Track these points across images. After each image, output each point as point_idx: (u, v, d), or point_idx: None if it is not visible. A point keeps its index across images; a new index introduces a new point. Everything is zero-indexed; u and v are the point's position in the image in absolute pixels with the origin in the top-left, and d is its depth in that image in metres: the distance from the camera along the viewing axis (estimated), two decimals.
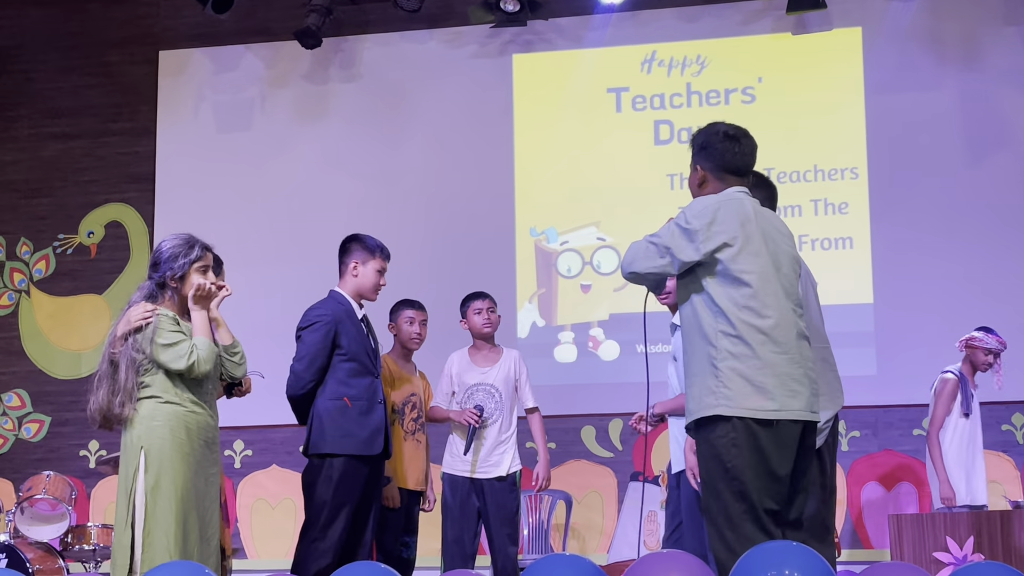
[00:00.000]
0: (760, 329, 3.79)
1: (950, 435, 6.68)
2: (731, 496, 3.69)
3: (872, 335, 7.80)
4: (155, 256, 4.63)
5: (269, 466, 8.32)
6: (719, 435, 3.74)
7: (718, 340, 3.79)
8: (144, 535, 4.34)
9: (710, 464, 3.76)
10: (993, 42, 7.98)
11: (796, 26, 8.23)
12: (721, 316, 3.80)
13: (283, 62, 8.76)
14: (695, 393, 3.84)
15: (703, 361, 3.82)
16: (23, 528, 6.84)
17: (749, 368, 3.75)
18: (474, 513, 5.98)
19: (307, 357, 5.29)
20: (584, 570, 3.46)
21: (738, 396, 3.73)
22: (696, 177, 4.05)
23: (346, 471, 5.20)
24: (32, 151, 9.00)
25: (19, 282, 8.88)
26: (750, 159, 4.03)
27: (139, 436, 4.43)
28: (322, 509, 5.16)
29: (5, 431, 8.69)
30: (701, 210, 3.86)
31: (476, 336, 6.16)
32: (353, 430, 5.23)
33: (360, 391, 5.30)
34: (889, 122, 8.02)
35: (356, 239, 5.52)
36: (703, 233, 3.82)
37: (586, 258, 8.27)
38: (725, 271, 3.83)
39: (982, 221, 7.83)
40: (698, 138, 4.06)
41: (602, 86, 8.41)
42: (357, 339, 5.35)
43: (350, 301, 5.43)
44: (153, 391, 4.48)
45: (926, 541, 5.97)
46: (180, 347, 4.46)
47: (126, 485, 4.42)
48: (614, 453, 8.01)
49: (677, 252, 3.85)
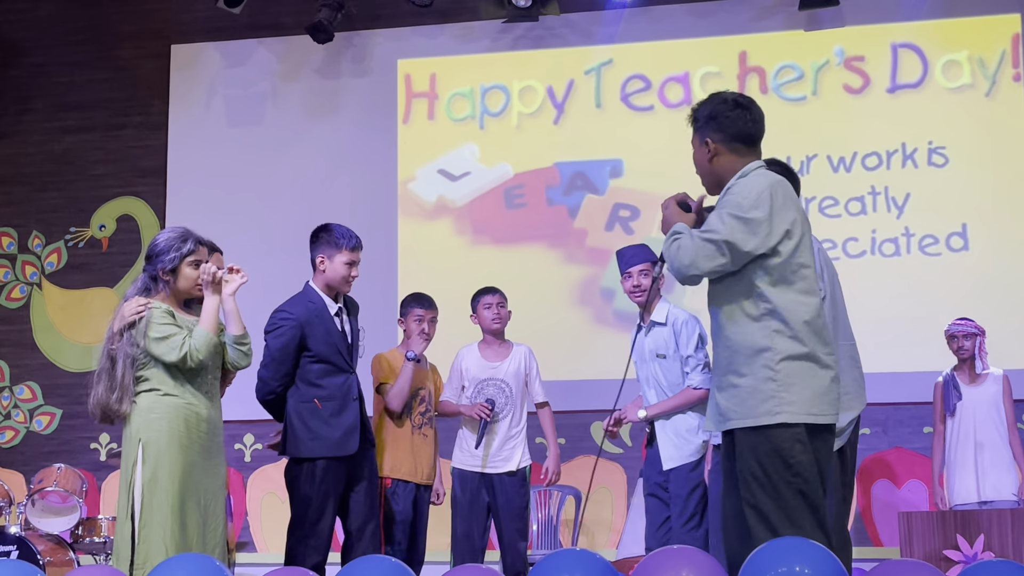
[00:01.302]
0: (815, 329, 3.60)
1: (943, 437, 6.79)
2: (790, 494, 3.53)
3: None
4: (150, 249, 4.65)
5: (279, 460, 8.31)
6: (781, 436, 3.55)
7: (774, 341, 3.57)
8: (141, 527, 4.37)
9: (770, 464, 3.55)
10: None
11: (808, 22, 8.22)
12: (775, 315, 3.58)
13: (295, 56, 8.76)
14: (744, 397, 3.60)
15: (754, 363, 3.59)
16: (34, 520, 6.86)
17: (807, 371, 3.57)
18: (484, 508, 5.98)
19: (272, 363, 5.24)
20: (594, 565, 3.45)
21: (800, 401, 3.55)
22: (705, 152, 3.77)
23: (327, 469, 5.19)
24: (44, 144, 9.02)
25: (31, 275, 8.90)
26: (761, 126, 3.79)
27: (137, 429, 4.46)
28: (307, 506, 5.16)
29: (16, 423, 8.71)
30: (757, 196, 3.59)
31: (486, 331, 6.16)
32: (324, 432, 5.18)
33: (332, 390, 5.24)
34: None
35: (324, 229, 5.41)
36: (766, 224, 3.57)
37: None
38: (784, 264, 3.59)
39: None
40: (702, 110, 3.80)
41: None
42: (326, 339, 5.25)
43: (322, 297, 5.34)
44: (152, 384, 4.50)
45: (936, 539, 5.96)
46: (172, 339, 4.47)
47: (126, 478, 4.46)
48: (623, 449, 8.01)
49: (741, 245, 3.57)
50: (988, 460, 6.66)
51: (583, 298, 8.28)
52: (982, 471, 6.64)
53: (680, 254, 3.66)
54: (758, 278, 3.61)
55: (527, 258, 8.36)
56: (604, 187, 8.40)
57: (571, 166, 8.45)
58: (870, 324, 7.39)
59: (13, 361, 8.80)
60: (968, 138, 7.99)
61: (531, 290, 8.06)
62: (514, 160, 8.52)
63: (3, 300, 8.90)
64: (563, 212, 8.42)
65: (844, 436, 4.33)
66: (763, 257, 3.59)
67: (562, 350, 8.05)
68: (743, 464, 3.61)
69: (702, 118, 3.79)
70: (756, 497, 3.56)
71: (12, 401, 8.74)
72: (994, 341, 6.94)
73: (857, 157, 8.08)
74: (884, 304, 7.83)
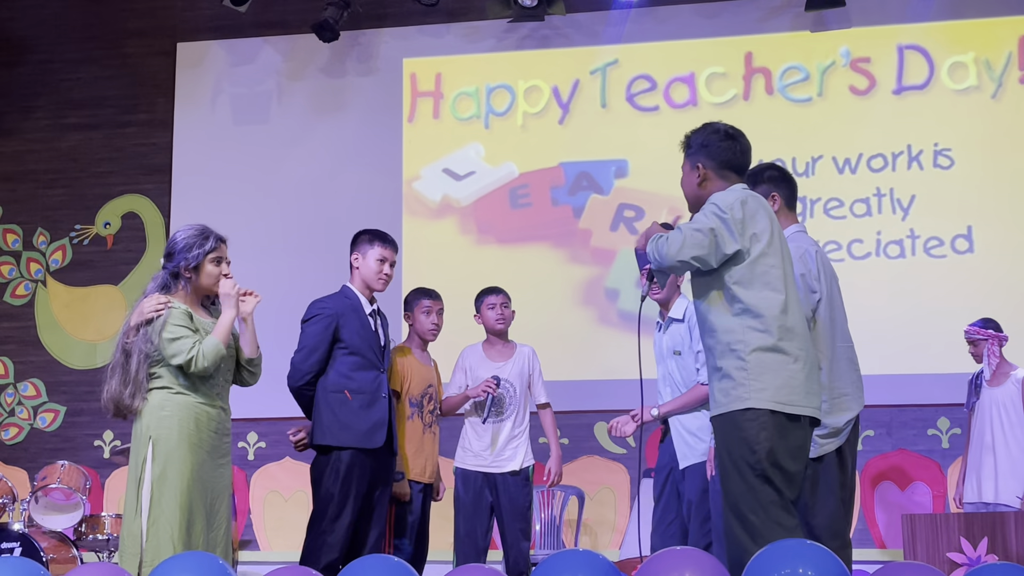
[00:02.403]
0: (784, 326, 3.82)
1: (968, 434, 6.74)
2: (757, 480, 3.73)
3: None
4: (169, 246, 4.67)
5: (282, 458, 8.33)
6: (748, 421, 3.76)
7: (745, 334, 3.81)
8: (149, 524, 4.38)
9: (737, 450, 3.78)
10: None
11: (815, 23, 8.21)
12: (747, 312, 3.82)
13: (300, 55, 8.77)
14: (723, 386, 3.85)
15: (727, 356, 3.84)
16: (37, 517, 6.87)
17: (777, 362, 3.79)
18: (487, 508, 5.98)
19: (305, 349, 5.35)
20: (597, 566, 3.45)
21: (768, 389, 3.77)
22: (695, 176, 4.07)
23: (352, 464, 5.23)
24: (50, 142, 9.03)
25: (36, 272, 8.91)
26: (748, 157, 4.10)
27: (148, 426, 4.47)
28: (329, 502, 5.19)
29: (20, 420, 8.72)
30: (733, 201, 3.88)
31: (490, 331, 6.16)
32: (352, 422, 5.26)
33: (362, 385, 5.33)
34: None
35: (360, 233, 5.59)
36: (740, 224, 3.84)
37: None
38: (753, 264, 3.85)
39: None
40: (696, 138, 4.09)
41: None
42: (361, 333, 5.37)
43: (358, 296, 5.47)
44: (164, 382, 4.52)
45: (940, 541, 5.94)
46: (182, 342, 4.49)
47: (135, 474, 4.47)
48: (627, 449, 8.00)
49: (721, 242, 3.85)
50: (995, 462, 6.63)
51: (587, 298, 8.28)
52: (987, 473, 6.62)
53: (669, 244, 3.91)
54: (729, 279, 3.88)
55: (531, 258, 8.36)
56: (609, 187, 8.39)
57: (576, 166, 8.45)
58: (874, 326, 7.40)
59: (18, 358, 8.81)
60: (974, 140, 7.98)
61: (535, 290, 8.06)
62: (519, 160, 8.52)
63: (8, 297, 8.91)
64: (568, 212, 8.42)
65: (842, 436, 4.34)
66: (736, 257, 3.86)
67: (566, 350, 8.05)
68: (717, 451, 3.89)
69: (695, 145, 4.09)
70: (727, 482, 3.81)
71: (16, 398, 8.75)
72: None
73: (863, 159, 8.08)
74: (888, 306, 7.82)
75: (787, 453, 3.76)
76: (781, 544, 3.39)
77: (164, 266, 4.66)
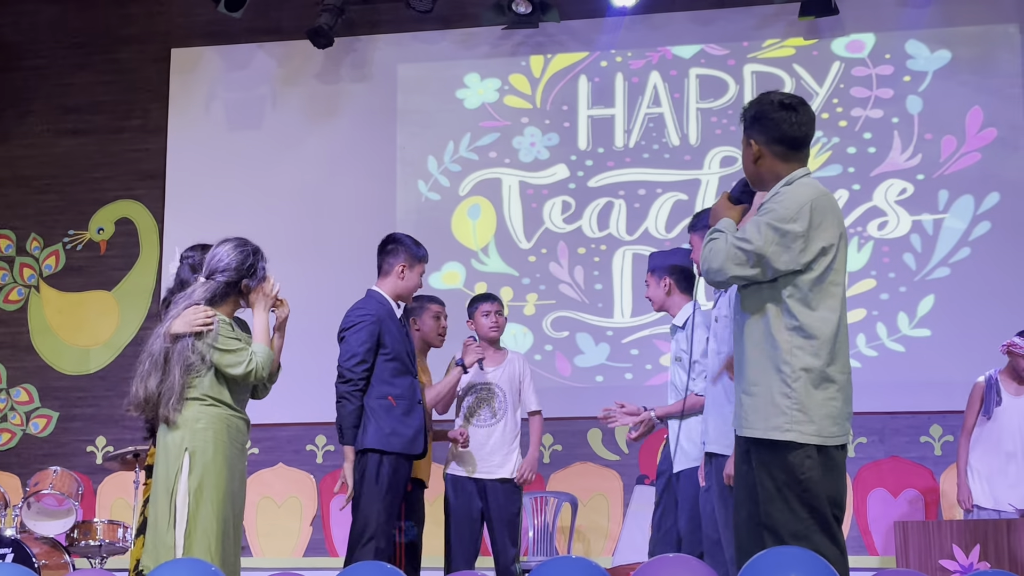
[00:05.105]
0: (834, 349, 3.57)
1: (974, 439, 6.67)
2: (802, 509, 3.52)
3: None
4: (226, 262, 4.61)
5: (275, 464, 8.32)
6: (793, 452, 3.53)
7: (793, 355, 3.54)
8: (185, 536, 4.38)
9: (781, 476, 3.54)
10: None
11: (808, 31, 8.22)
12: (799, 330, 3.55)
13: (295, 61, 8.77)
14: (759, 407, 3.59)
15: (769, 373, 3.58)
16: (29, 523, 6.85)
17: (823, 394, 3.55)
18: (477, 514, 5.99)
19: (356, 356, 5.32)
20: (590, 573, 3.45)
21: (815, 423, 3.53)
22: (751, 152, 3.73)
23: (395, 470, 5.27)
24: (43, 147, 9.01)
25: (28, 277, 8.90)
26: (808, 129, 3.70)
27: (183, 438, 4.45)
28: (377, 511, 5.20)
29: (13, 426, 8.71)
30: (797, 209, 3.54)
31: (482, 338, 6.16)
32: (399, 429, 5.30)
33: (403, 390, 5.37)
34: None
35: (401, 241, 5.55)
36: (802, 240, 3.52)
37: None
38: (816, 281, 3.56)
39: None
40: (750, 110, 3.76)
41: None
42: (399, 338, 5.41)
43: (390, 301, 5.48)
44: (197, 393, 4.50)
45: (932, 548, 5.96)
46: (241, 353, 4.50)
47: (167, 486, 4.43)
48: (620, 456, 8.00)
49: (773, 260, 3.54)
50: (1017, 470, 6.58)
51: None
52: (1009, 481, 6.55)
53: (712, 256, 3.63)
54: (787, 293, 3.57)
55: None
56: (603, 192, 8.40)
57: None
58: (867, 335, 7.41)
59: (10, 363, 8.79)
60: None
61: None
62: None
63: (0, 302, 8.90)
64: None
65: None
66: (796, 273, 3.55)
67: (560, 355, 8.05)
68: (759, 477, 3.60)
69: (749, 118, 3.76)
70: (768, 510, 3.55)
71: (9, 403, 8.73)
72: (993, 352, 6.86)
73: (858, 166, 8.08)
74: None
75: (831, 482, 3.58)
76: (774, 551, 3.38)
77: (214, 278, 4.59)
